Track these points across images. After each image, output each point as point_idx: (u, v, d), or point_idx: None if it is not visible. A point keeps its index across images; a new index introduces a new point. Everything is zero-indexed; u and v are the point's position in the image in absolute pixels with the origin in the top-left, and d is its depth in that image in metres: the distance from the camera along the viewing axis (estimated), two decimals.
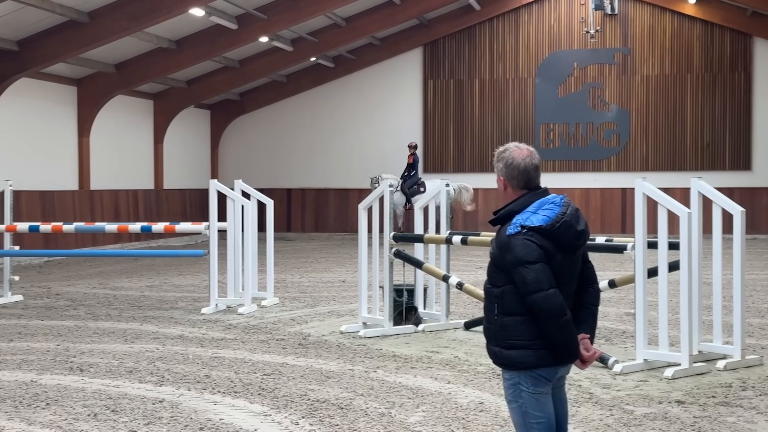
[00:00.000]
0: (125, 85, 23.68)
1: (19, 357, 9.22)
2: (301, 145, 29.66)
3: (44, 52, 19.59)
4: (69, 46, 19.53)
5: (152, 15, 19.07)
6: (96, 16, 19.13)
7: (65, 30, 19.33)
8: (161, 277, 17.07)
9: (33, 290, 14.94)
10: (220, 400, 7.43)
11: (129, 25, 19.28)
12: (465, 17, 28.02)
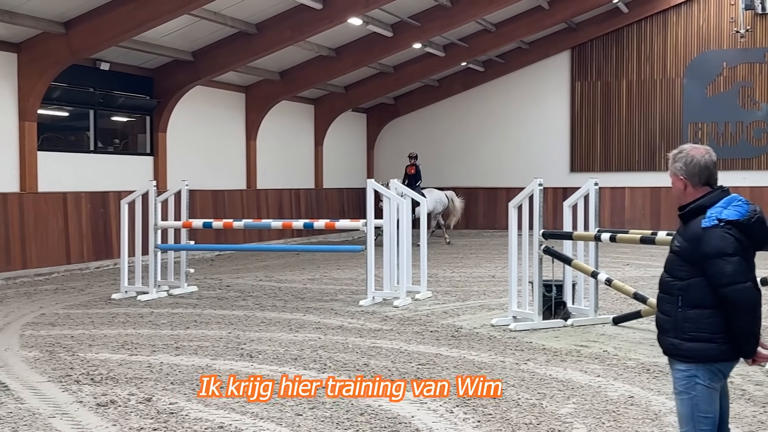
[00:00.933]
0: (289, 91, 24.13)
1: (195, 343, 9.48)
2: (451, 146, 29.68)
3: (216, 61, 20.13)
4: (238, 55, 20.00)
5: (314, 26, 19.34)
6: (262, 28, 19.55)
7: (235, 41, 19.81)
8: (321, 270, 17.28)
9: (206, 282, 15.35)
10: None
11: (292, 35, 19.60)
12: (613, 20, 27.45)
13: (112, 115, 20.06)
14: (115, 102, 19.67)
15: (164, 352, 9.02)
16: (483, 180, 29.18)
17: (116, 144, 20.31)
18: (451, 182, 29.11)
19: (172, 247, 14.06)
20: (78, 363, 8.48)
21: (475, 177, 29.29)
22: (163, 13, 16.17)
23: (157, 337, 9.90)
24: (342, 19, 19.31)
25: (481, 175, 29.23)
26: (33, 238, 16.82)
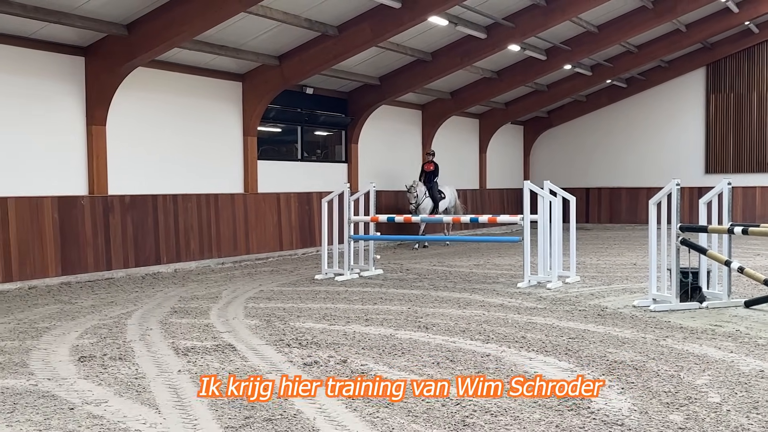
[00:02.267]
0: (458, 108, 24.15)
1: (381, 316, 9.57)
2: (597, 153, 29.11)
3: (398, 85, 20.33)
4: (417, 79, 20.15)
5: (479, 52, 19.26)
6: (436, 56, 19.62)
7: (414, 67, 19.96)
8: (485, 257, 17.18)
9: (390, 266, 15.51)
10: (534, 356, 7.33)
11: (461, 61, 19.59)
12: (745, 39, 26.21)
13: (315, 130, 20.54)
14: (317, 119, 20.13)
15: (356, 323, 9.16)
16: (625, 181, 28.45)
17: (318, 153, 20.80)
18: (597, 183, 28.61)
19: (363, 238, 14.28)
20: (289, 330, 8.72)
21: (618, 178, 28.61)
22: (356, 47, 16.48)
23: (351, 310, 10.07)
24: (503, 46, 19.16)
25: (623, 176, 28.53)
26: (254, 229, 17.48)
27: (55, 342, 8.23)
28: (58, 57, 13.60)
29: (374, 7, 15.80)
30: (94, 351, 7.75)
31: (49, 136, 13.60)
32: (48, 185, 13.53)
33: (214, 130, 16.88)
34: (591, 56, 22.99)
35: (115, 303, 11.03)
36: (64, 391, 6.25)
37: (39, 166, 13.40)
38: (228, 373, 6.74)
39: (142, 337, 8.42)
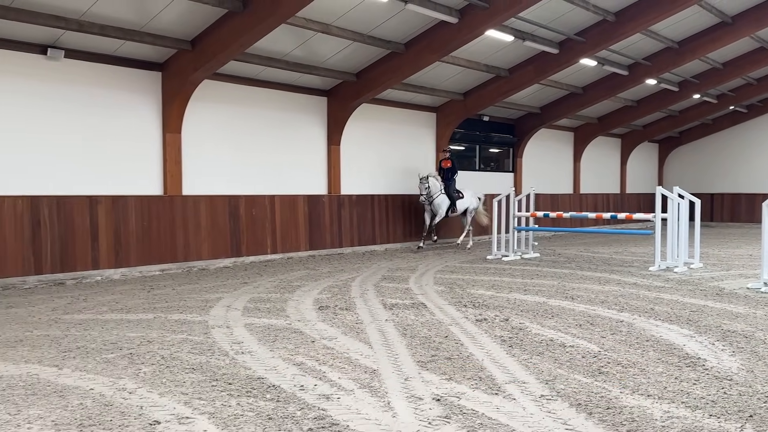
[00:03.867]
0: (603, 130, 22.92)
1: (536, 288, 9.38)
2: (720, 165, 26.70)
3: (555, 112, 19.74)
4: (570, 108, 19.45)
5: (622, 86, 18.34)
6: (587, 89, 18.85)
7: (569, 98, 19.29)
8: (623, 246, 16.37)
9: (545, 251, 15.14)
10: (660, 324, 6.94)
11: (607, 93, 18.73)
12: None
13: (489, 148, 20.36)
14: (491, 140, 19.96)
15: (517, 292, 9.06)
16: (744, 188, 25.98)
17: (491, 166, 20.61)
18: (720, 189, 26.38)
19: (524, 229, 14.04)
20: (466, 295, 8.77)
21: (738, 186, 26.17)
22: (522, 84, 16.20)
23: (513, 283, 9.96)
24: (641, 81, 18.11)
25: (743, 184, 26.04)
26: (444, 220, 17.61)
27: (303, 295, 8.74)
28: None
29: (537, 53, 15.47)
30: (328, 303, 8.16)
31: (301, 154, 14.40)
32: (301, 187, 14.33)
33: (416, 147, 17.19)
34: (716, 87, 21.23)
35: (344, 271, 11.53)
36: (308, 329, 6.65)
37: (295, 174, 14.22)
38: (420, 323, 6.91)
39: (362, 295, 8.76)
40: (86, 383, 4.84)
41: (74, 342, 6.13)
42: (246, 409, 4.28)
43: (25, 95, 10.22)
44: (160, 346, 5.95)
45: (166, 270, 11.48)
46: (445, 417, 4.16)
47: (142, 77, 11.57)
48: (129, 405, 4.37)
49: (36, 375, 5.06)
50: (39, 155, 10.37)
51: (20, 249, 9.90)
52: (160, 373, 5.09)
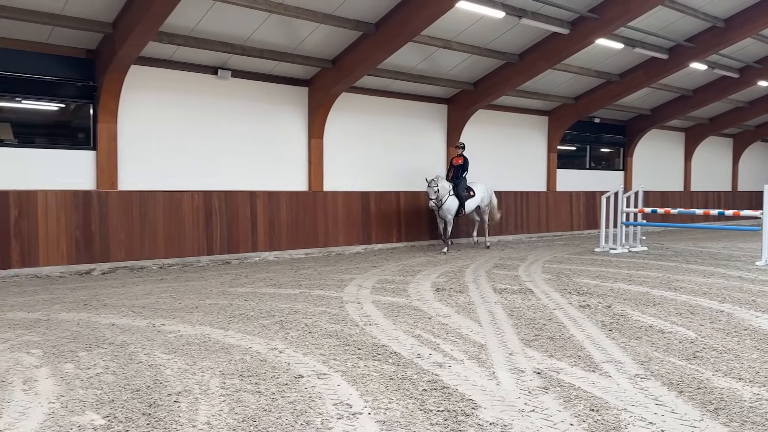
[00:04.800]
0: (714, 130, 21.26)
1: (641, 279, 8.98)
2: None
3: (666, 114, 18.60)
4: (681, 110, 18.23)
5: (733, 88, 16.97)
6: (697, 91, 17.61)
7: (679, 101, 18.11)
8: (731, 242, 15.18)
9: (653, 245, 14.36)
10: (760, 315, 6.45)
11: (718, 95, 17.39)
12: None
13: (600, 148, 19.56)
14: (602, 140, 19.14)
15: (621, 282, 8.74)
16: None
17: (602, 164, 19.78)
18: None
19: (632, 224, 13.42)
20: (571, 283, 8.59)
21: None
22: (633, 88, 15.41)
23: (618, 273, 9.61)
24: (753, 83, 16.67)
25: None
26: (553, 215, 17.14)
27: (423, 279, 8.93)
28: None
29: (647, 59, 14.69)
30: (444, 286, 8.31)
31: (423, 155, 14.62)
32: (423, 184, 14.55)
33: (528, 149, 16.90)
34: None
35: (460, 258, 11.62)
36: (425, 308, 6.85)
37: (418, 173, 14.48)
38: (526, 306, 6.90)
39: (474, 280, 8.84)
40: (246, 343, 5.33)
41: (237, 310, 6.72)
42: (371, 370, 4.55)
43: (200, 108, 11.19)
44: (304, 316, 6.39)
45: (309, 254, 12.14)
46: (544, 388, 4.21)
47: (291, 92, 12.27)
48: (279, 361, 4.78)
49: (208, 335, 5.63)
50: (210, 157, 11.32)
51: (197, 234, 10.87)
52: (303, 338, 5.50)
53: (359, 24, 10.67)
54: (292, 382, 4.29)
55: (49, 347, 5.14)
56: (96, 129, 10.00)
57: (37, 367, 4.56)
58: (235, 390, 4.12)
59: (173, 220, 10.61)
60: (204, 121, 11.25)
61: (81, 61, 9.90)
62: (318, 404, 3.87)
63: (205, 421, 3.60)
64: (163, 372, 4.48)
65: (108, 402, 3.87)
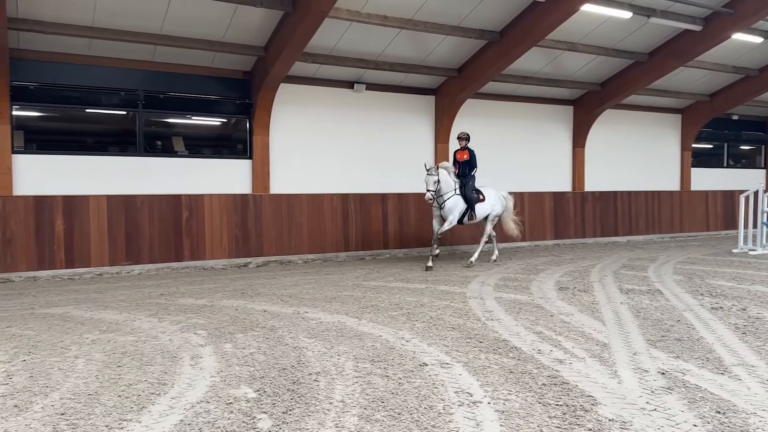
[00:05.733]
0: None
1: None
2: None
3: None
4: None
5: None
6: None
7: None
8: None
9: None
10: None
11: None
12: None
13: (738, 146, 17.72)
14: (740, 137, 17.36)
15: (760, 284, 7.85)
16: None
17: (741, 162, 17.92)
18: None
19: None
20: (704, 285, 7.89)
21: None
22: None
23: (757, 276, 8.66)
24: None
25: None
26: (686, 215, 15.84)
27: (546, 277, 8.66)
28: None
29: None
30: (568, 285, 8.01)
31: (548, 156, 14.16)
32: (547, 185, 14.12)
33: (659, 147, 15.75)
34: None
35: (585, 258, 11.13)
36: (548, 305, 6.66)
37: (541, 174, 14.06)
38: (654, 307, 6.49)
39: (600, 280, 8.43)
40: (377, 331, 5.54)
41: (369, 301, 6.98)
42: (492, 363, 4.54)
43: (337, 119, 11.72)
44: (429, 309, 6.49)
45: None
46: (668, 388, 3.96)
47: (419, 101, 12.46)
48: (405, 350, 4.92)
49: (343, 323, 5.91)
50: (346, 163, 11.81)
51: (335, 232, 11.40)
52: (428, 329, 5.60)
53: (484, 33, 10.60)
54: (417, 369, 4.40)
55: (213, 329, 5.68)
56: (252, 140, 10.84)
57: (203, 346, 5.06)
58: (366, 373, 4.31)
59: (316, 220, 11.20)
60: (341, 131, 11.76)
61: (239, 81, 10.78)
62: (440, 391, 3.95)
63: (340, 399, 3.81)
64: (306, 354, 4.79)
65: (259, 378, 4.21)
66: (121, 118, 10.05)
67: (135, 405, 3.70)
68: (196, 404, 3.71)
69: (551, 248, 12.93)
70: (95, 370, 4.37)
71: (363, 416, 3.52)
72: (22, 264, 8.94)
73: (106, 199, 9.51)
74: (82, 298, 7.27)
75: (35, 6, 8.37)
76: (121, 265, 9.59)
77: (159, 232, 9.87)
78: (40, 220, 9.08)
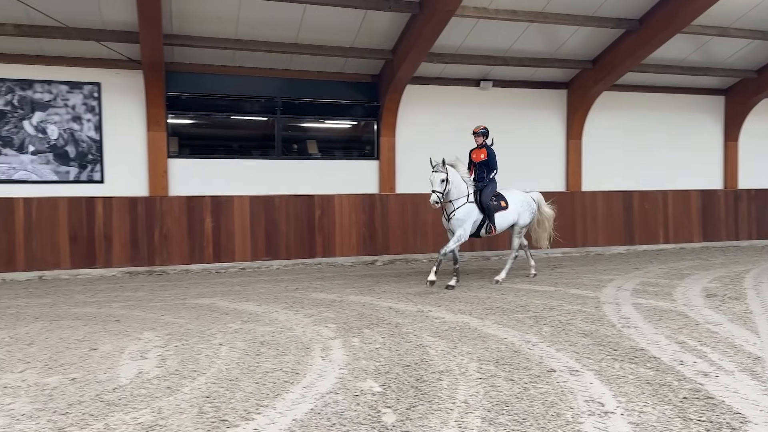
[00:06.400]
0: None
1: None
2: None
3: None
4: None
5: None
6: None
7: None
8: None
9: None
10: None
11: None
12: None
13: None
14: None
15: None
16: None
17: None
18: None
19: None
20: None
21: None
22: None
23: None
24: None
25: None
26: None
27: (692, 283, 8.03)
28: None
29: None
30: (717, 291, 7.36)
31: (694, 151, 13.03)
32: (694, 182, 13.01)
33: None
34: None
35: (738, 262, 10.12)
36: (693, 313, 6.17)
37: (687, 171, 12.98)
38: None
39: (755, 287, 7.63)
40: (502, 333, 5.48)
41: (495, 303, 6.91)
42: (627, 372, 4.31)
43: (462, 118, 11.68)
44: (558, 313, 6.29)
45: (566, 253, 11.78)
46: None
47: (550, 95, 12.05)
48: (532, 354, 4.82)
49: (467, 323, 5.91)
50: None
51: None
52: (557, 334, 5.43)
53: (621, 22, 10.01)
54: (545, 375, 4.30)
55: (341, 323, 5.95)
56: (379, 142, 11.16)
57: (332, 339, 5.32)
58: (490, 375, 4.29)
59: (439, 219, 11.29)
60: (465, 130, 11.70)
61: (367, 85, 11.14)
62: (569, 399, 3.83)
63: (462, 399, 3.83)
64: (429, 352, 4.87)
65: (384, 373, 4.35)
66: (262, 123, 10.83)
67: (271, 392, 3.99)
68: (325, 394, 3.92)
69: (698, 251, 11.91)
70: (236, 358, 4.77)
71: (486, 418, 3.52)
72: (177, 258, 9.95)
73: (248, 200, 10.31)
74: (227, 290, 7.96)
75: (187, 22, 9.27)
76: (261, 261, 10.34)
77: (294, 230, 10.50)
78: (191, 219, 10.06)
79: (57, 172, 9.63)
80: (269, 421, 3.51)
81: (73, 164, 9.70)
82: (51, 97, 9.60)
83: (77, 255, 9.46)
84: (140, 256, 9.75)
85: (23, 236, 9.25)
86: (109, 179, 9.81)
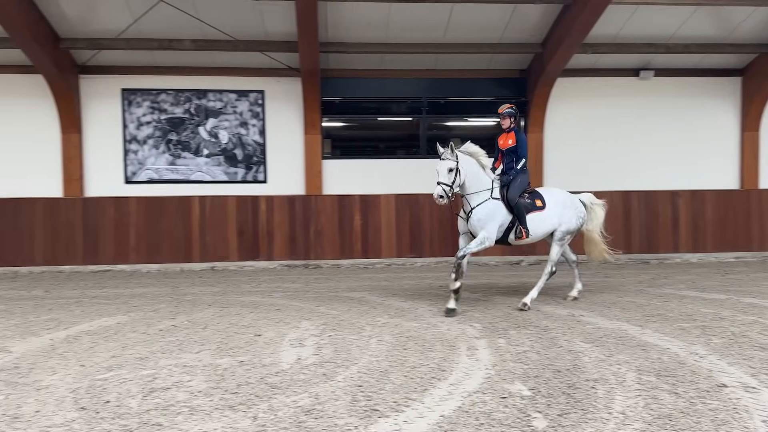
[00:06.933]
0: None
1: None
2: None
3: None
4: None
5: None
6: None
7: None
8: None
9: None
10: None
11: None
12: None
13: None
14: None
15: None
16: None
17: None
18: None
19: None
20: None
21: None
22: None
23: None
24: None
25: None
26: None
27: None
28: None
29: None
30: None
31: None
32: None
33: None
34: None
35: None
36: None
37: None
38: None
39: None
40: (664, 343, 5.12)
41: (655, 310, 6.46)
42: None
43: (619, 108, 11.01)
44: (730, 323, 5.73)
45: (740, 257, 10.63)
46: None
47: (719, 83, 10.96)
48: (699, 367, 4.45)
49: (624, 330, 5.60)
50: (628, 157, 11.04)
51: (612, 231, 10.77)
52: (729, 346, 4.96)
53: None
54: (714, 390, 3.96)
55: (487, 323, 5.94)
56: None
57: (477, 338, 5.32)
58: (651, 387, 4.05)
59: None
60: (622, 124, 11.03)
61: (515, 81, 10.94)
62: (743, 417, 3.50)
63: (620, 410, 3.66)
64: (582, 359, 4.70)
65: (533, 377, 4.28)
66: (407, 124, 11.11)
67: (418, 386, 4.11)
68: (472, 393, 3.96)
69: None
70: (385, 350, 4.98)
71: None
72: (329, 253, 10.58)
73: (394, 198, 10.65)
74: (375, 285, 8.31)
75: (340, 29, 9.79)
76: (405, 257, 10.64)
77: (438, 228, 10.65)
78: (342, 216, 10.62)
79: (227, 173, 10.71)
80: (418, 415, 3.63)
81: (241, 166, 10.72)
82: (222, 104, 10.69)
83: (244, 248, 10.43)
84: (297, 251, 10.50)
85: (198, 231, 10.40)
86: (271, 179, 10.70)
